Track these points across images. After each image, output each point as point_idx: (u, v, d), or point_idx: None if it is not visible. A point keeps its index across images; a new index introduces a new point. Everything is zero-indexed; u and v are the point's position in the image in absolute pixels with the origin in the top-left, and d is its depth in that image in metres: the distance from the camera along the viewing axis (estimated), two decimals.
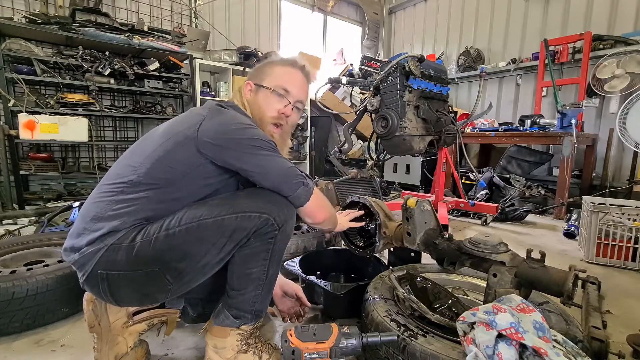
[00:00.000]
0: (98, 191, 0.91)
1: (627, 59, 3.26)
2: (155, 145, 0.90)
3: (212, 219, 0.84)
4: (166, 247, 0.82)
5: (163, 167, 0.87)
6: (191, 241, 0.84)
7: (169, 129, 0.93)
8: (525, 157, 3.82)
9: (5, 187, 2.83)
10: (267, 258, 0.91)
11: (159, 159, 0.87)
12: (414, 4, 5.86)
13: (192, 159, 0.88)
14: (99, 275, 0.83)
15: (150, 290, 0.88)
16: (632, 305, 1.50)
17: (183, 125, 0.92)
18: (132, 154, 0.94)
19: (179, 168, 0.87)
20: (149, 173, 0.86)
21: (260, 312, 0.97)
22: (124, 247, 0.82)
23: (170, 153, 0.88)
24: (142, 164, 0.87)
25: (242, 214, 0.86)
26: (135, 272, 0.83)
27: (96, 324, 0.92)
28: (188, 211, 0.86)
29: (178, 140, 0.88)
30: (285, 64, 1.11)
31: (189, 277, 0.87)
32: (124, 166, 0.91)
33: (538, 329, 0.75)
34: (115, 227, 0.83)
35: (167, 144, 0.88)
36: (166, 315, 1.05)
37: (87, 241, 0.83)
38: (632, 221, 1.95)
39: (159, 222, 0.84)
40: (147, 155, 0.89)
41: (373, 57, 4.49)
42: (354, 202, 1.43)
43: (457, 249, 1.09)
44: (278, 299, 1.23)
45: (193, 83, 3.92)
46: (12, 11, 3.23)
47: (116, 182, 0.88)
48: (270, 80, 1.08)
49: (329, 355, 0.82)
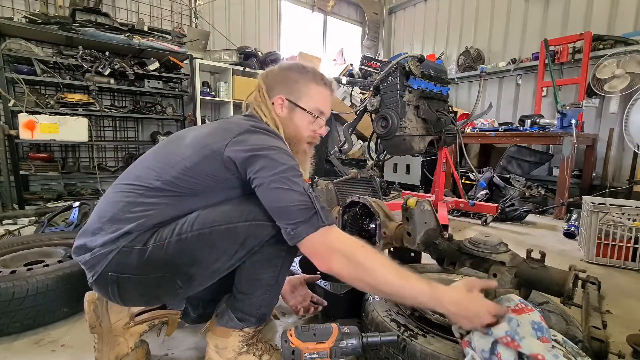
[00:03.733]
0: (115, 190, 0.89)
1: (627, 59, 3.26)
2: (182, 154, 0.88)
3: (225, 225, 0.83)
4: (178, 253, 0.82)
5: (188, 178, 0.86)
6: (203, 247, 0.83)
7: (198, 141, 0.90)
8: (525, 157, 3.81)
9: (5, 187, 2.83)
10: (278, 265, 0.91)
11: (185, 169, 0.86)
12: (414, 4, 5.86)
13: (219, 173, 0.87)
14: (109, 277, 0.82)
15: (159, 293, 0.88)
16: (632, 305, 1.50)
17: (213, 138, 0.89)
18: (154, 157, 0.93)
19: (204, 181, 0.86)
20: (173, 181, 0.85)
21: (265, 316, 0.97)
22: (135, 250, 0.81)
23: (197, 165, 0.86)
24: (167, 171, 0.86)
25: (255, 222, 0.85)
26: (146, 275, 0.83)
27: (97, 325, 0.92)
28: (200, 216, 0.85)
29: (205, 153, 0.87)
30: (318, 83, 1.07)
31: (198, 282, 0.87)
32: (145, 169, 0.89)
33: (537, 329, 0.75)
34: (131, 230, 0.82)
35: (195, 156, 0.87)
36: (167, 316, 1.05)
37: (102, 242, 0.82)
38: (632, 221, 1.94)
39: (171, 227, 0.83)
40: (173, 163, 0.87)
41: (373, 57, 4.49)
42: (354, 202, 1.43)
43: (457, 249, 1.09)
44: (288, 295, 1.24)
45: (193, 83, 3.92)
46: (12, 11, 3.23)
47: (136, 183, 0.87)
48: (306, 101, 1.05)
49: (329, 355, 0.82)
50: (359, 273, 0.80)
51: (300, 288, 1.26)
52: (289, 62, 1.12)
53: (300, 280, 1.26)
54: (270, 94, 1.04)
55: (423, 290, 0.78)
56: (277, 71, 1.08)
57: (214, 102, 4.36)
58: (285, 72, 1.07)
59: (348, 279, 0.81)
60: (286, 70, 1.07)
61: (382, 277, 0.79)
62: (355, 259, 0.80)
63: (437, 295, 0.78)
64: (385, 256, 0.87)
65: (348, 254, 0.80)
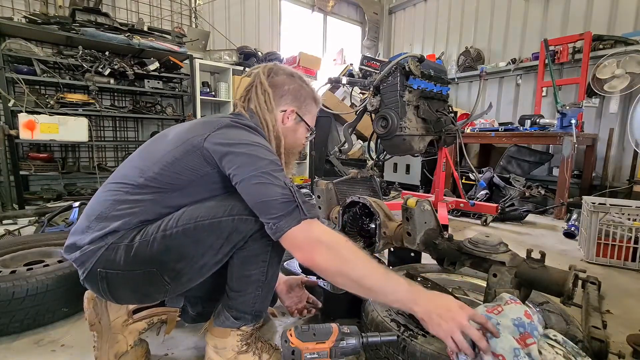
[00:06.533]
0: (103, 190, 0.91)
1: (627, 59, 3.26)
2: (164, 150, 0.90)
3: (209, 220, 0.84)
4: (163, 248, 0.83)
5: (170, 173, 0.87)
6: (188, 243, 0.84)
7: (179, 136, 0.92)
8: (525, 157, 3.82)
9: (5, 187, 2.83)
10: (266, 260, 0.91)
11: (167, 165, 0.87)
12: (414, 4, 5.86)
13: (199, 167, 0.87)
14: (98, 273, 0.83)
15: (149, 290, 0.88)
16: (632, 305, 1.50)
17: (193, 132, 0.90)
18: (140, 156, 0.95)
19: (185, 175, 0.87)
20: (155, 177, 0.87)
21: (260, 313, 0.97)
22: (122, 246, 0.82)
23: (178, 160, 0.87)
24: (150, 167, 0.88)
25: (238, 217, 0.85)
26: (133, 271, 0.84)
27: (97, 322, 0.92)
28: (186, 212, 0.86)
29: (187, 148, 0.88)
30: (318, 104, 1.16)
31: (187, 278, 0.88)
32: (131, 168, 0.91)
33: (518, 325, 0.75)
34: (118, 227, 0.83)
35: (176, 151, 0.88)
36: (166, 313, 1.05)
37: (90, 239, 0.84)
38: (632, 221, 1.95)
39: (157, 223, 0.85)
40: (155, 160, 0.89)
41: (373, 57, 4.49)
42: (354, 202, 1.43)
43: (457, 249, 1.09)
44: (284, 295, 1.24)
45: (193, 83, 3.92)
46: (12, 11, 3.23)
47: (122, 182, 0.89)
48: (310, 118, 1.13)
49: (329, 355, 0.82)
50: (342, 266, 0.79)
51: (297, 289, 1.26)
52: (291, 71, 1.10)
53: (297, 282, 1.26)
54: (277, 102, 1.05)
55: (402, 285, 0.80)
56: (287, 81, 1.07)
57: (214, 102, 4.35)
58: (296, 86, 1.08)
59: (330, 272, 0.80)
60: (296, 83, 1.08)
61: (365, 270, 0.79)
62: (340, 252, 0.79)
63: (415, 290, 0.80)
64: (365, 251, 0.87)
65: (331, 246, 0.79)
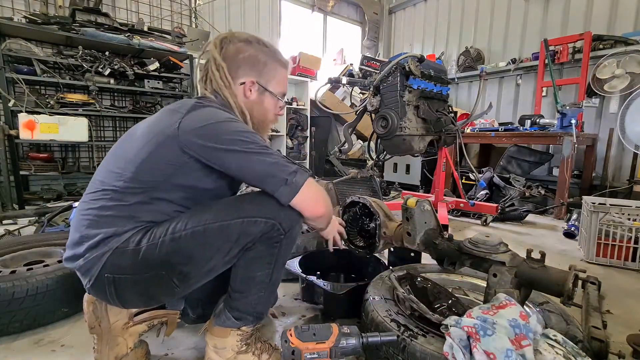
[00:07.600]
0: (84, 201, 0.88)
1: (627, 59, 3.26)
2: (136, 147, 0.86)
3: (218, 223, 0.84)
4: (172, 251, 0.82)
5: (148, 169, 0.84)
6: (197, 245, 0.83)
7: (149, 130, 0.89)
8: (525, 157, 3.81)
9: (5, 187, 2.83)
10: (271, 262, 0.91)
11: (142, 161, 0.84)
12: (414, 4, 5.86)
13: (176, 158, 0.84)
14: (105, 279, 0.82)
15: (157, 293, 0.88)
16: (632, 305, 1.50)
17: (162, 124, 0.87)
18: (113, 158, 0.91)
19: (164, 169, 0.84)
20: (134, 177, 0.84)
21: (261, 314, 0.97)
22: (129, 250, 0.81)
23: (153, 154, 0.84)
24: (126, 168, 0.85)
25: (247, 219, 0.85)
26: (142, 275, 0.83)
27: (96, 325, 0.92)
28: (194, 215, 0.85)
29: (159, 140, 0.84)
30: (284, 66, 1.07)
31: (195, 280, 0.88)
32: (107, 172, 0.88)
33: (514, 326, 0.76)
34: (114, 232, 0.82)
35: (149, 146, 0.85)
36: (166, 316, 1.05)
37: (87, 247, 0.82)
38: (632, 221, 1.94)
39: (165, 226, 0.83)
40: (130, 159, 0.85)
41: (373, 57, 4.50)
42: (354, 202, 1.43)
43: (457, 249, 1.09)
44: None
45: (193, 83, 3.92)
46: (12, 11, 3.23)
47: (101, 189, 0.86)
48: (274, 85, 1.04)
49: (329, 355, 0.82)
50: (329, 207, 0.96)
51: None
52: (247, 37, 1.02)
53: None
54: (234, 75, 0.98)
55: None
56: (241, 49, 0.99)
57: None
58: (252, 52, 1.00)
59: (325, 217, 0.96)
60: (252, 49, 1.00)
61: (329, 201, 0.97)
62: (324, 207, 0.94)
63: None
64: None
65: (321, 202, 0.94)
